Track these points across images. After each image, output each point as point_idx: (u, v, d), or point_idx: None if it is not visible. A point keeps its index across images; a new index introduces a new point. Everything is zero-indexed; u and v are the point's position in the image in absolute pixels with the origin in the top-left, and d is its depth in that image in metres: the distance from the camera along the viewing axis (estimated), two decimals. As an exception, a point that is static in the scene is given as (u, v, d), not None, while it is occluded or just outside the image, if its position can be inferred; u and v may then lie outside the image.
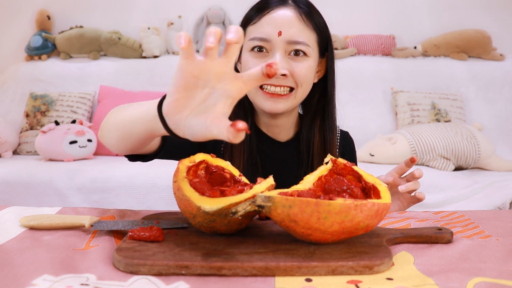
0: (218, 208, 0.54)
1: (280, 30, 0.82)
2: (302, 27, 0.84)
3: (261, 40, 0.84)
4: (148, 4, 2.92)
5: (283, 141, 0.96)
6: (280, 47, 0.83)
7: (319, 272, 0.51)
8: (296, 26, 0.83)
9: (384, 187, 0.62)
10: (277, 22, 0.83)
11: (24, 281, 0.48)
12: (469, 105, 2.57)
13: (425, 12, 2.83)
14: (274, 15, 0.84)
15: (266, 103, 0.86)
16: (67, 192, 1.93)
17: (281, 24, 0.83)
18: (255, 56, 0.85)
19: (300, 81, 0.85)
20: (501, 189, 1.84)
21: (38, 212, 0.74)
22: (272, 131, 0.96)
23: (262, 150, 0.94)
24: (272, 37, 0.83)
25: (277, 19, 0.83)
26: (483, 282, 0.49)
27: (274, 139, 0.96)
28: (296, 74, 0.84)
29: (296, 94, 0.86)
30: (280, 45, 0.83)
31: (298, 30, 0.83)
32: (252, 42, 0.85)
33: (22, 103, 2.67)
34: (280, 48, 0.83)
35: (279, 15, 0.83)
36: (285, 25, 0.83)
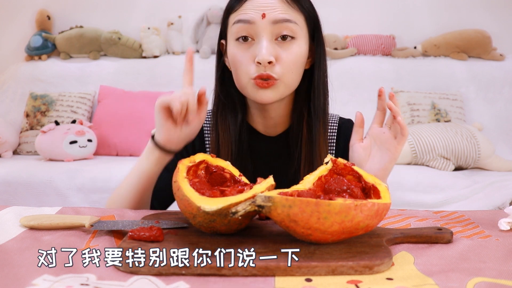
0: (218, 208, 0.54)
1: (264, 13, 0.79)
2: (287, 8, 0.81)
3: (245, 23, 0.80)
4: (148, 4, 2.92)
5: (276, 135, 0.94)
6: (266, 30, 0.80)
7: (319, 272, 0.51)
8: (280, 7, 0.80)
9: (384, 187, 0.62)
10: (260, 6, 0.80)
11: (24, 281, 0.48)
12: (469, 105, 2.57)
13: (425, 12, 2.83)
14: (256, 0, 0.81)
15: (258, 94, 0.82)
16: (67, 192, 1.93)
17: (264, 7, 0.80)
18: (241, 46, 0.82)
19: (288, 68, 0.81)
20: (501, 189, 1.84)
21: (38, 212, 0.74)
22: (267, 124, 0.93)
23: (253, 146, 0.93)
24: (256, 19, 0.79)
25: (260, 2, 0.80)
26: (483, 282, 0.49)
27: (265, 135, 0.94)
28: (283, 61, 0.81)
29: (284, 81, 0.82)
30: (266, 27, 0.79)
31: (283, 10, 0.80)
32: (236, 26, 0.82)
33: (22, 103, 2.67)
34: (266, 31, 0.80)
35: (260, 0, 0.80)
36: (269, 7, 0.79)
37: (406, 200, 1.83)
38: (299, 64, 0.84)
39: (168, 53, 2.88)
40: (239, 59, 0.83)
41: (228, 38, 0.86)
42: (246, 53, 0.82)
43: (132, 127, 2.44)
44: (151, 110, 2.47)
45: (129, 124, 2.45)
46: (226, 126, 0.90)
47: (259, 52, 0.79)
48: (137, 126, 2.44)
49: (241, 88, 0.86)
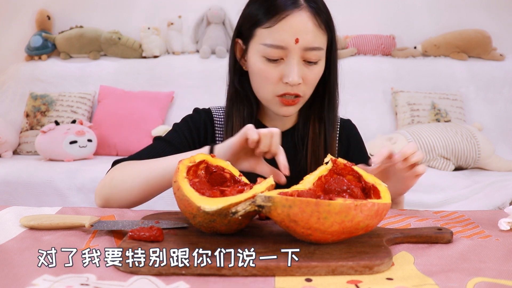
0: (218, 208, 0.54)
1: (298, 37, 0.81)
2: (317, 32, 0.83)
3: (278, 48, 0.82)
4: (148, 4, 2.92)
5: (284, 130, 0.97)
6: (297, 54, 0.82)
7: (319, 272, 0.51)
8: (311, 32, 0.82)
9: (384, 187, 0.62)
10: (294, 29, 0.81)
11: (24, 281, 0.48)
12: (469, 105, 2.57)
13: (425, 12, 2.83)
14: (291, 21, 0.81)
15: (281, 110, 0.87)
16: (67, 192, 1.93)
17: (298, 30, 0.81)
18: (269, 64, 0.84)
19: (310, 86, 0.87)
20: (501, 189, 1.84)
21: (38, 212, 0.74)
22: (275, 123, 0.97)
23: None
24: (290, 45, 0.81)
25: (294, 26, 0.81)
26: (483, 282, 0.49)
27: None
28: (307, 80, 0.85)
29: (305, 97, 0.88)
30: (297, 52, 0.82)
31: (314, 35, 0.82)
32: (268, 49, 0.82)
33: (22, 103, 2.67)
34: (297, 55, 0.82)
35: (296, 22, 0.81)
36: (302, 31, 0.81)
37: (406, 200, 1.82)
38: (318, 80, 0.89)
39: (168, 53, 2.88)
40: (265, 76, 0.85)
41: (252, 49, 0.86)
42: (274, 71, 0.84)
43: (132, 127, 2.44)
44: (151, 110, 2.50)
45: (129, 124, 2.45)
46: (241, 120, 0.92)
47: (290, 75, 0.82)
48: (137, 126, 2.44)
49: (262, 100, 0.90)
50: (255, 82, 0.89)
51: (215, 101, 1.06)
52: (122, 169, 0.84)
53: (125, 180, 0.81)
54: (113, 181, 0.82)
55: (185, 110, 1.05)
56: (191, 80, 2.68)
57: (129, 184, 0.81)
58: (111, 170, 0.86)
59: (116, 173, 0.84)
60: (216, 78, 2.62)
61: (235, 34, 0.92)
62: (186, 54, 2.85)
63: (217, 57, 2.75)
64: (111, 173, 0.84)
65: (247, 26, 0.87)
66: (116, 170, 0.84)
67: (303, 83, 0.85)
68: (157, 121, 2.49)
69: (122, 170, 0.83)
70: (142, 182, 0.80)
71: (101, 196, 0.83)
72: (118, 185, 0.81)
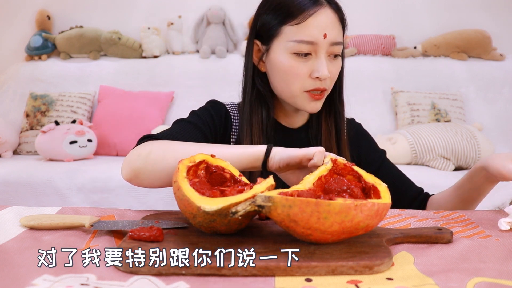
0: (218, 208, 0.54)
1: (326, 33, 0.85)
2: (339, 27, 0.89)
3: (309, 43, 0.85)
4: (148, 4, 2.92)
5: (296, 127, 0.99)
6: (325, 49, 0.86)
7: (319, 272, 0.51)
8: (336, 27, 0.87)
9: (384, 187, 0.62)
10: (323, 25, 0.85)
11: (24, 281, 0.48)
12: (469, 105, 2.57)
13: (425, 12, 2.83)
14: (319, 18, 0.85)
15: (310, 105, 0.89)
16: (67, 192, 1.93)
17: (326, 26, 0.85)
18: (299, 60, 0.86)
19: (334, 80, 0.91)
20: (501, 189, 1.84)
21: (38, 212, 0.74)
22: (290, 120, 0.99)
23: (276, 138, 0.96)
24: (319, 40, 0.85)
25: (322, 22, 0.85)
26: (483, 282, 0.49)
27: (287, 127, 0.99)
28: (332, 74, 0.89)
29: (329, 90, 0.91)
30: (325, 46, 0.86)
31: (338, 31, 0.88)
32: (298, 45, 0.85)
33: (22, 103, 2.67)
34: (325, 49, 0.86)
35: (323, 18, 0.85)
36: (329, 27, 0.86)
37: (406, 200, 1.83)
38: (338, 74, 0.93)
39: (168, 53, 2.88)
40: (294, 72, 0.87)
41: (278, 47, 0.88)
42: (303, 66, 0.86)
43: (132, 127, 2.44)
44: (151, 110, 2.50)
45: (129, 124, 2.45)
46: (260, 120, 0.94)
47: (321, 69, 0.85)
48: (137, 126, 2.44)
49: (289, 96, 0.90)
50: (281, 80, 0.89)
51: (215, 101, 1.06)
52: (161, 146, 0.76)
53: (165, 158, 0.74)
54: (151, 155, 0.74)
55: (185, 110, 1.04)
56: (191, 80, 2.68)
57: (169, 163, 0.73)
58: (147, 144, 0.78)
59: (154, 147, 0.75)
60: (216, 78, 2.62)
61: (253, 36, 0.93)
62: (186, 54, 2.85)
63: (217, 57, 2.75)
64: (147, 146, 0.76)
65: (269, 26, 0.89)
66: (155, 145, 0.76)
67: (329, 78, 0.88)
68: (157, 121, 2.49)
69: (162, 146, 0.76)
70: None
71: (132, 168, 0.75)
72: (157, 162, 0.74)
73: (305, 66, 0.86)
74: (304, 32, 0.85)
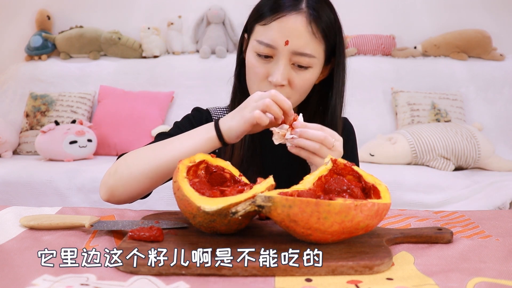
0: (218, 208, 0.54)
1: (288, 40, 0.81)
2: (310, 39, 0.82)
3: (267, 46, 0.83)
4: (148, 4, 2.92)
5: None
6: (285, 56, 0.82)
7: (319, 272, 0.51)
8: (304, 38, 0.82)
9: (384, 187, 0.62)
10: (286, 31, 0.81)
11: (24, 281, 0.48)
12: (469, 105, 2.57)
13: (425, 12, 2.83)
14: (285, 22, 0.81)
15: None
16: (67, 192, 1.93)
17: (290, 33, 0.81)
18: (259, 60, 0.85)
19: (297, 92, 0.86)
20: (501, 189, 1.84)
21: (38, 212, 0.74)
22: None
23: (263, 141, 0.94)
24: (279, 45, 0.82)
25: (286, 27, 0.81)
26: (483, 282, 0.49)
27: None
28: (294, 85, 0.84)
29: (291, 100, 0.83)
30: (285, 54, 0.82)
31: (306, 42, 0.82)
32: (258, 45, 0.84)
33: (22, 103, 2.67)
34: (285, 56, 0.82)
35: (289, 24, 0.81)
36: (294, 35, 0.81)
37: (406, 200, 1.83)
38: (308, 88, 0.88)
39: (168, 53, 2.88)
40: (254, 71, 0.86)
41: (250, 43, 0.88)
42: (262, 68, 0.85)
43: (132, 127, 2.44)
44: (151, 110, 2.50)
45: (129, 124, 2.45)
46: None
47: (274, 74, 0.83)
48: (137, 126, 2.44)
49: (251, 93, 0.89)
50: (247, 76, 0.90)
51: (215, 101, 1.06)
52: (126, 159, 0.80)
53: (130, 169, 0.77)
54: (117, 171, 0.78)
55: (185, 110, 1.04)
56: (191, 80, 2.67)
57: (135, 172, 0.76)
58: (115, 162, 0.83)
59: (120, 163, 0.80)
60: (216, 78, 2.62)
61: (244, 29, 0.94)
62: (186, 54, 2.84)
63: (217, 57, 2.75)
64: (114, 164, 0.81)
65: (250, 21, 0.90)
66: (121, 160, 0.81)
67: (288, 87, 0.84)
68: (157, 121, 2.49)
69: (127, 159, 0.80)
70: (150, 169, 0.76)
71: (106, 188, 0.79)
72: (124, 175, 0.77)
73: (263, 68, 0.85)
74: (266, 34, 0.83)
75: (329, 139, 0.72)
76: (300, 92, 0.87)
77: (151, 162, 0.76)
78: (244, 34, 0.94)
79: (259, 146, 0.94)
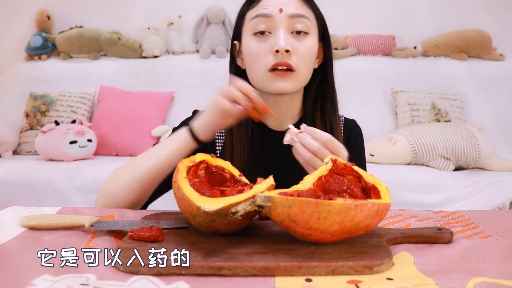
0: (218, 208, 0.54)
1: (281, 7, 0.85)
2: (301, 4, 0.88)
3: (263, 17, 0.86)
4: (148, 4, 2.92)
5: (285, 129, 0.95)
6: (283, 23, 0.85)
7: (319, 272, 0.51)
8: (295, 4, 0.87)
9: (384, 187, 0.62)
10: (277, 2, 0.86)
11: (24, 281, 0.48)
12: (469, 105, 2.57)
13: (425, 12, 2.83)
14: None
15: (275, 85, 0.86)
16: (67, 192, 1.93)
17: (281, 2, 0.86)
18: (258, 39, 0.87)
19: (303, 60, 0.86)
20: (501, 189, 1.84)
21: (38, 212, 0.74)
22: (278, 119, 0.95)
23: (264, 143, 0.94)
24: (274, 14, 0.85)
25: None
26: (483, 282, 0.49)
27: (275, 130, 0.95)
28: (298, 51, 0.85)
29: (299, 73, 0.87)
30: (283, 21, 0.85)
31: (298, 5, 0.87)
32: (254, 21, 0.87)
33: (22, 103, 2.67)
34: (283, 24, 0.85)
35: None
36: (285, 3, 0.86)
37: (406, 200, 1.83)
38: (313, 57, 0.89)
39: (168, 53, 2.88)
40: (256, 51, 0.87)
41: (244, 34, 0.90)
42: (263, 45, 0.86)
43: (132, 127, 2.44)
44: (151, 110, 2.50)
45: (129, 124, 2.45)
46: (240, 125, 0.92)
47: (277, 42, 0.84)
48: (137, 126, 2.44)
49: (258, 81, 0.89)
50: (250, 65, 0.90)
51: (215, 101, 1.05)
52: (112, 177, 0.84)
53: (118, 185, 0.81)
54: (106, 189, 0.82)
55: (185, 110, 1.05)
56: (191, 80, 2.68)
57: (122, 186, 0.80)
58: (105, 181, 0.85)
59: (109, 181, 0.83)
60: (216, 78, 2.62)
61: (233, 37, 0.96)
62: (186, 54, 2.85)
63: (217, 57, 2.75)
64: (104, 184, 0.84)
65: (238, 18, 0.93)
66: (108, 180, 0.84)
67: (294, 54, 0.85)
68: (157, 121, 2.49)
69: (112, 177, 0.84)
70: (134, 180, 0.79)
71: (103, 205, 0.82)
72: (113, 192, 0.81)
73: (265, 44, 0.86)
74: (259, 10, 0.87)
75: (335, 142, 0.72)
76: (306, 61, 0.87)
77: (135, 174, 0.80)
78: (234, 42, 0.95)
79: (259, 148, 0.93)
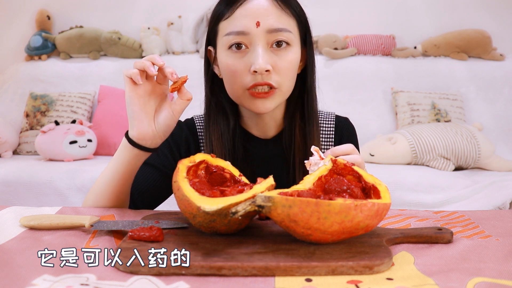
0: (218, 208, 0.54)
1: (258, 21, 0.76)
2: (280, 14, 0.78)
3: (239, 34, 0.77)
4: (148, 4, 2.92)
5: (270, 137, 0.92)
6: (261, 38, 0.77)
7: (319, 272, 0.51)
8: (274, 13, 0.77)
9: (384, 187, 0.62)
10: (253, 13, 0.77)
11: (24, 281, 0.48)
12: (469, 105, 2.57)
13: (425, 12, 2.83)
14: (249, 5, 0.77)
15: (255, 105, 0.80)
16: (67, 192, 1.93)
17: (258, 14, 0.76)
18: (234, 55, 0.79)
19: (285, 76, 0.79)
20: (501, 189, 1.84)
21: (38, 212, 0.74)
22: (262, 128, 0.91)
23: (248, 149, 0.91)
24: (251, 29, 0.76)
25: (253, 9, 0.77)
26: (483, 282, 0.49)
27: (260, 138, 0.92)
28: (279, 68, 0.78)
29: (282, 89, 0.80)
30: (261, 36, 0.77)
31: (276, 17, 0.77)
32: (228, 38, 0.78)
33: (22, 103, 2.67)
34: (261, 39, 0.77)
35: (254, 5, 0.77)
36: (262, 14, 0.77)
37: (406, 200, 1.83)
38: (294, 70, 0.83)
39: (168, 53, 2.88)
40: (232, 69, 0.79)
41: (219, 47, 0.83)
42: (240, 62, 0.79)
43: (132, 127, 2.44)
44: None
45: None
46: (219, 133, 0.87)
47: (255, 61, 0.76)
48: (137, 126, 2.44)
49: (236, 99, 0.84)
50: (227, 81, 0.83)
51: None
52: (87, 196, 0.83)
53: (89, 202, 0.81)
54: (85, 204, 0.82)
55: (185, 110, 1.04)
56: (191, 80, 2.64)
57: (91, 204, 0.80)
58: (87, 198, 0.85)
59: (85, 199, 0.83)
60: (216, 78, 2.62)
61: (206, 42, 0.88)
62: (186, 54, 2.84)
63: (217, 57, 2.75)
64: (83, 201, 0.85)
65: (211, 25, 0.84)
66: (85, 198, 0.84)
67: (274, 72, 0.78)
68: (157, 121, 2.49)
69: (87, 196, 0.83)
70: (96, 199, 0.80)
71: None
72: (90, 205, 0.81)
73: (242, 61, 0.78)
74: (234, 24, 0.78)
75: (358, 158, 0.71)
76: (289, 76, 0.81)
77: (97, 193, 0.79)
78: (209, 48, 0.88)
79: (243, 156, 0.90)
